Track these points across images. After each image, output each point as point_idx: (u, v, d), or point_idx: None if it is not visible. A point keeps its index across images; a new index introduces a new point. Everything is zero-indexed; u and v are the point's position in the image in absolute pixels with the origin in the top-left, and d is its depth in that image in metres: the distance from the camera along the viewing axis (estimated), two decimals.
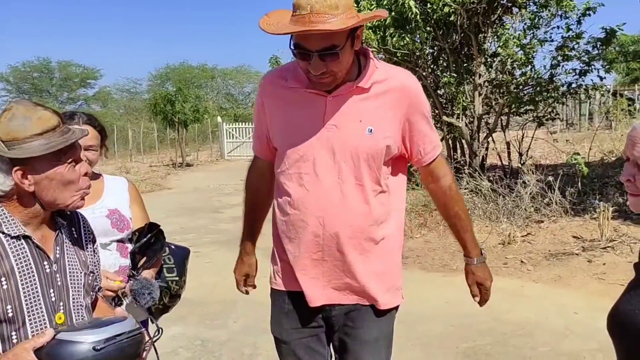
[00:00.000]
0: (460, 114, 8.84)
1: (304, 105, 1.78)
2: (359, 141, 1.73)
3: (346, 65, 1.69)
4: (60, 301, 1.41)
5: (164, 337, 1.71)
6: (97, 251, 1.63)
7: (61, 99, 41.81)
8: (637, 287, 1.32)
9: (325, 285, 1.82)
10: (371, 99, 1.75)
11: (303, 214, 1.79)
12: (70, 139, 1.36)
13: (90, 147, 2.11)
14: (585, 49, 8.75)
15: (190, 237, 7.72)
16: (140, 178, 15.68)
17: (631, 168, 1.31)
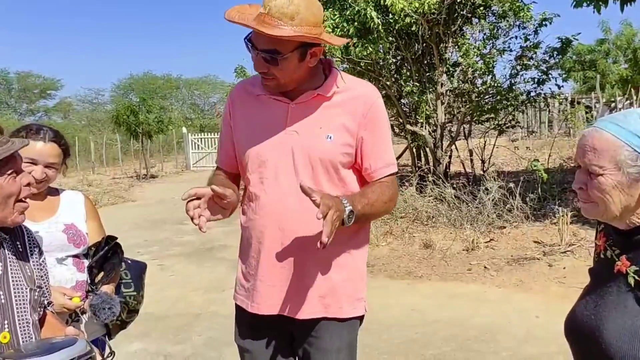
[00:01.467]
0: (423, 123, 8.96)
1: (267, 112, 1.81)
2: (318, 147, 1.75)
3: (290, 74, 1.71)
4: (5, 320, 1.36)
5: (125, 354, 1.66)
6: (44, 264, 1.57)
7: (20, 110, 40.81)
8: (593, 292, 1.34)
9: (282, 294, 1.79)
10: (332, 107, 1.78)
11: (263, 218, 1.79)
12: (10, 149, 1.32)
13: (51, 164, 2.06)
14: (543, 58, 9.01)
15: (154, 250, 7.59)
16: (103, 190, 15.35)
17: (582, 176, 1.30)
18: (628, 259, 1.28)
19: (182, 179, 19.76)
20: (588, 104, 19.96)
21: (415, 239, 7.00)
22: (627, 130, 1.22)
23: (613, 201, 1.25)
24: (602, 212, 1.28)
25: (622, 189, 1.23)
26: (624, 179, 1.22)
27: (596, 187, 1.26)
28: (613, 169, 1.22)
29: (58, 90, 43.00)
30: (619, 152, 1.21)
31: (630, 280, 1.25)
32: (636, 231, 1.28)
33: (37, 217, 2.03)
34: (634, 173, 1.21)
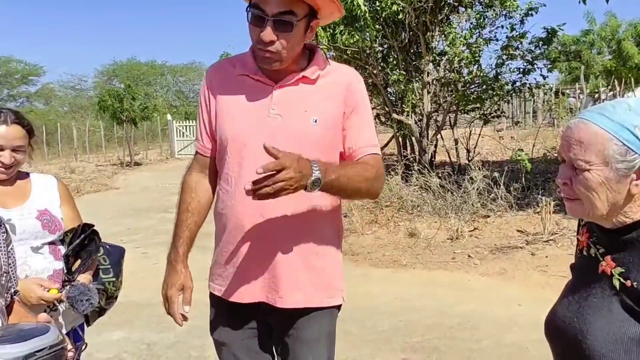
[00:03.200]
0: (409, 112, 8.95)
1: (250, 94, 1.76)
2: (304, 130, 1.71)
3: (294, 47, 1.67)
4: None
5: (107, 342, 1.64)
6: (12, 252, 1.54)
7: (1, 96, 40.06)
8: (576, 292, 1.29)
9: (263, 282, 1.76)
10: (317, 91, 1.75)
11: (242, 205, 1.74)
12: None
13: (18, 147, 2.00)
14: (529, 48, 9.04)
15: (138, 238, 7.54)
16: (86, 178, 15.20)
17: (567, 170, 1.22)
18: (613, 260, 1.21)
19: (166, 166, 19.61)
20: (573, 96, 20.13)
21: (400, 227, 7.02)
22: (616, 122, 1.14)
23: (599, 198, 1.17)
24: (588, 210, 1.20)
25: (609, 185, 1.16)
26: (611, 175, 1.14)
27: (582, 183, 1.18)
28: (600, 164, 1.15)
29: (40, 77, 42.28)
30: (607, 145, 1.13)
31: (616, 283, 1.19)
32: (623, 230, 1.21)
33: (8, 203, 1.98)
34: (622, 169, 1.14)
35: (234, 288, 1.80)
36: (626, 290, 1.16)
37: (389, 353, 3.74)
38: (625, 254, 1.19)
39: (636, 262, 1.17)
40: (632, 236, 1.19)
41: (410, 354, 3.73)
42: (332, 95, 1.76)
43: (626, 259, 1.19)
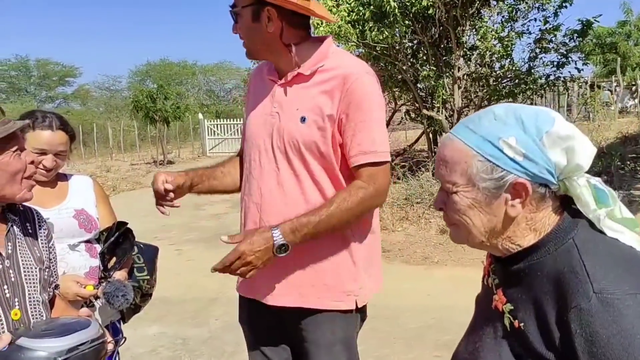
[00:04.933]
0: (440, 107, 8.87)
1: (263, 93, 1.80)
2: (292, 130, 1.69)
3: (248, 37, 1.73)
4: (15, 297, 1.38)
5: (144, 337, 1.68)
6: (53, 248, 1.60)
7: (40, 97, 41.22)
8: (474, 328, 1.15)
9: (258, 279, 1.71)
10: (310, 88, 1.70)
11: (248, 201, 1.80)
12: (10, 128, 1.34)
13: (61, 152, 2.06)
14: (563, 41, 8.85)
15: (171, 235, 7.67)
16: (121, 176, 15.51)
17: (441, 193, 1.06)
18: (504, 294, 1.05)
19: (199, 164, 19.82)
20: (609, 88, 19.61)
21: (431, 224, 6.97)
22: (479, 135, 0.98)
23: (473, 223, 1.01)
24: (465, 236, 1.04)
25: (480, 208, 1.00)
26: (479, 196, 0.99)
27: (451, 207, 1.03)
28: (466, 185, 0.99)
29: (76, 78, 43.44)
30: (471, 163, 0.98)
31: (506, 322, 1.02)
32: (511, 260, 1.03)
33: (46, 203, 2.04)
34: (490, 188, 0.97)
35: (242, 282, 1.85)
36: (515, 333, 1.00)
37: (422, 350, 3.73)
38: (515, 289, 1.02)
39: (524, 299, 1.00)
40: (520, 267, 1.02)
41: (444, 351, 3.70)
42: (325, 92, 1.66)
43: (515, 294, 1.02)
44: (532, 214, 0.99)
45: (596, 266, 0.92)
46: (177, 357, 3.83)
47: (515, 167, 0.95)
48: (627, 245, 0.97)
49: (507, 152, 0.95)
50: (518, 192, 0.97)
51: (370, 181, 1.64)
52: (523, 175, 0.96)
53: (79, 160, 20.81)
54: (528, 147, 0.95)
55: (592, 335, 0.87)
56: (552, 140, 0.95)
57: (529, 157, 0.95)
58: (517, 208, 0.98)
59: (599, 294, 0.88)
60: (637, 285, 0.89)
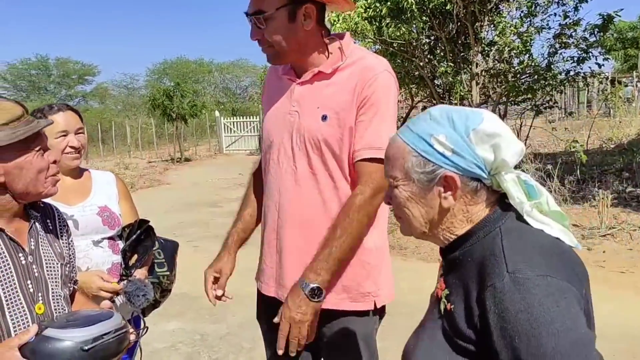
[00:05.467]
0: (457, 104, 8.79)
1: (281, 92, 1.79)
2: (313, 128, 1.68)
3: (284, 39, 1.65)
4: (39, 292, 1.41)
5: (163, 333, 1.70)
6: (72, 244, 1.62)
7: (59, 95, 41.73)
8: (425, 317, 1.20)
9: (277, 277, 1.76)
10: (332, 85, 1.70)
11: (268, 199, 1.80)
12: (35, 128, 1.36)
13: (79, 130, 2.11)
14: (583, 36, 8.70)
15: (189, 232, 7.72)
16: (139, 174, 15.66)
17: (389, 189, 1.15)
18: (444, 281, 1.14)
19: (215, 162, 19.99)
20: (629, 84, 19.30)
21: None
22: (415, 133, 1.08)
23: (413, 215, 1.11)
24: (408, 228, 1.14)
25: (418, 200, 1.09)
26: (415, 189, 1.08)
27: (394, 200, 1.13)
28: (404, 179, 1.09)
29: (95, 76, 43.90)
30: (407, 158, 1.08)
31: (442, 306, 1.11)
32: (450, 249, 1.13)
33: (71, 200, 2.07)
34: (424, 181, 1.07)
35: (262, 280, 1.86)
36: (447, 315, 1.08)
37: None
38: (452, 275, 1.12)
39: (457, 284, 1.08)
40: (456, 255, 1.11)
41: None
42: (345, 89, 1.67)
43: (451, 280, 1.11)
44: (468, 206, 1.08)
45: (514, 250, 1.00)
46: (195, 353, 3.85)
47: (445, 161, 1.05)
48: (552, 236, 1.05)
49: (437, 147, 1.05)
50: (449, 185, 1.06)
51: (367, 182, 1.62)
52: (452, 169, 1.05)
53: (97, 158, 21.06)
54: (456, 143, 1.04)
55: (503, 311, 0.94)
56: (479, 137, 1.03)
57: (457, 152, 1.04)
58: (450, 200, 1.07)
59: (512, 273, 0.96)
60: (548, 269, 0.96)
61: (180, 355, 3.82)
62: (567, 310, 0.93)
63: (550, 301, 0.93)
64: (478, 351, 1.00)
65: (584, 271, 1.07)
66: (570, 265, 1.02)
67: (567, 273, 0.98)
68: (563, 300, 0.94)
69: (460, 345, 1.03)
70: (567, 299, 0.94)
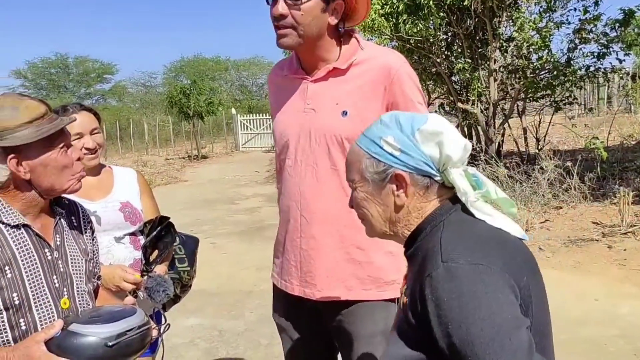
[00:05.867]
0: (475, 101, 8.72)
1: (291, 91, 1.79)
2: (333, 124, 1.69)
3: (311, 25, 1.64)
4: (64, 287, 1.43)
5: (182, 328, 1.71)
6: (96, 240, 1.64)
7: (78, 94, 42.21)
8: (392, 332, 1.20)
9: (303, 277, 1.76)
10: (349, 81, 1.70)
11: (287, 199, 1.80)
12: (59, 125, 1.38)
13: (94, 130, 2.12)
14: (603, 31, 8.57)
15: (206, 229, 7.77)
16: (156, 171, 15.79)
17: (352, 193, 1.22)
18: (405, 277, 1.21)
19: (231, 159, 20.08)
20: None
21: None
22: (368, 137, 1.16)
23: (372, 214, 1.18)
24: (370, 228, 1.21)
25: (374, 200, 1.16)
26: (370, 189, 1.15)
27: (354, 202, 1.21)
28: (361, 180, 1.17)
29: (114, 75, 44.29)
30: (362, 161, 1.15)
31: (402, 301, 1.17)
32: (407, 247, 1.19)
33: (93, 196, 2.09)
34: (377, 180, 1.14)
35: (281, 277, 1.85)
36: (403, 308, 1.13)
37: None
38: (409, 270, 1.18)
39: (411, 278, 1.13)
40: (412, 251, 1.17)
41: None
42: (367, 83, 1.68)
43: (409, 275, 1.17)
44: (422, 203, 1.14)
45: (450, 241, 1.05)
46: (213, 348, 3.88)
47: (395, 160, 1.11)
48: (494, 226, 1.10)
49: (386, 148, 1.12)
50: (400, 183, 1.13)
51: None
52: (402, 167, 1.11)
53: (116, 155, 21.27)
54: (404, 143, 1.11)
55: (438, 299, 0.99)
56: (424, 135, 1.10)
57: (404, 151, 1.11)
58: (402, 197, 1.13)
59: (446, 262, 1.01)
60: (482, 258, 1.01)
61: (198, 350, 3.85)
62: (494, 297, 0.97)
63: (480, 288, 0.97)
64: (426, 342, 1.03)
65: (528, 260, 1.11)
66: (510, 254, 1.06)
67: (502, 261, 1.02)
68: (492, 287, 0.97)
69: (413, 338, 1.08)
70: (496, 287, 0.98)
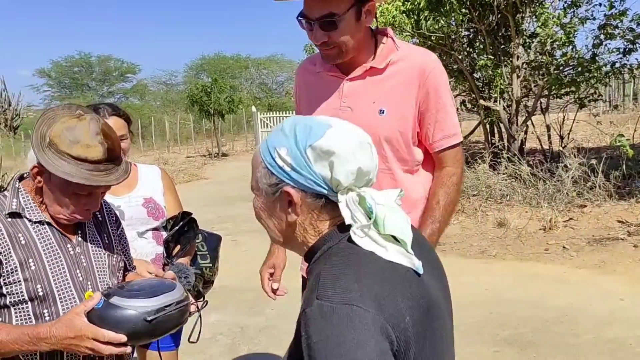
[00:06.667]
0: (497, 98, 8.63)
1: (325, 89, 1.80)
2: (370, 123, 1.68)
3: (351, 38, 1.67)
4: (88, 281, 1.47)
5: (204, 324, 1.73)
6: (123, 234, 1.66)
7: (101, 92, 42.78)
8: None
9: None
10: (386, 80, 1.73)
11: None
12: (92, 181, 1.36)
13: (121, 136, 2.13)
14: (630, 26, 8.41)
15: (227, 226, 7.81)
16: (177, 168, 15.93)
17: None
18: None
19: (252, 157, 20.14)
20: None
21: (488, 217, 6.81)
22: (267, 144, 1.05)
23: (268, 225, 1.09)
24: (271, 238, 1.11)
25: (268, 211, 1.07)
26: (265, 200, 1.06)
27: (254, 209, 1.11)
28: (257, 189, 1.07)
29: (136, 74, 44.80)
30: (259, 169, 1.06)
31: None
32: (307, 260, 1.09)
33: (117, 191, 2.11)
34: (269, 193, 1.04)
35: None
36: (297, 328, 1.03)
37: (481, 345, 3.65)
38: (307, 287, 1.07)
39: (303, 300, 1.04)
40: (312, 267, 1.06)
41: (504, 346, 3.62)
42: (402, 82, 1.72)
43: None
44: (318, 222, 1.04)
45: (330, 274, 0.95)
46: (235, 344, 3.90)
47: (285, 176, 1.01)
48: (384, 259, 0.98)
49: (278, 161, 1.01)
50: (289, 200, 1.02)
51: (456, 163, 1.79)
52: (293, 184, 1.00)
53: (138, 153, 21.50)
54: (296, 158, 0.99)
55: (308, 338, 0.91)
56: (315, 154, 0.98)
57: (295, 168, 0.99)
58: (292, 215, 1.03)
59: (320, 300, 0.92)
60: (358, 298, 0.90)
61: (220, 346, 3.88)
62: (362, 345, 0.88)
63: (348, 334, 0.89)
64: None
65: (423, 296, 1.00)
66: (395, 292, 0.95)
67: (382, 302, 0.92)
68: (362, 334, 0.89)
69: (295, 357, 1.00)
70: (366, 333, 0.89)
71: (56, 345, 1.31)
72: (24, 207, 1.42)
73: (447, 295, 1.14)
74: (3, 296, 1.38)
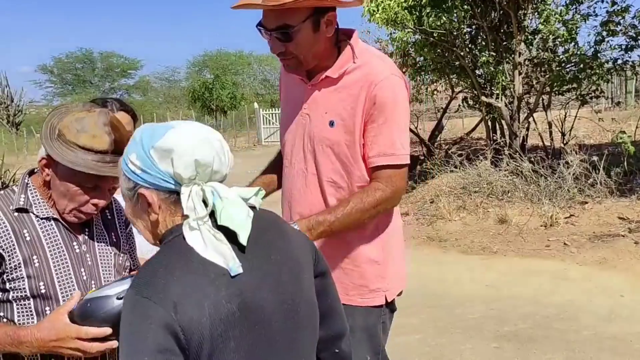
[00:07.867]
0: (499, 94, 8.61)
1: (295, 92, 1.80)
2: (321, 133, 1.71)
3: (309, 49, 1.63)
4: (92, 280, 1.46)
5: None
6: (131, 233, 1.65)
7: (103, 88, 42.84)
8: None
9: None
10: (338, 90, 1.69)
11: (284, 198, 1.86)
12: (98, 170, 1.36)
13: (128, 132, 2.14)
14: (632, 23, 8.38)
15: None
16: None
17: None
18: None
19: (254, 153, 20.17)
20: None
21: (489, 213, 6.82)
22: (124, 153, 1.12)
23: (140, 229, 1.14)
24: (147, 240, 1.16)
25: (136, 214, 1.12)
26: (131, 204, 1.12)
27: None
28: (124, 197, 1.13)
29: (138, 70, 44.83)
30: (121, 176, 1.12)
31: None
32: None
33: None
34: (131, 197, 1.11)
35: None
36: None
37: (481, 341, 3.67)
38: None
39: None
40: None
41: (504, 342, 3.64)
42: (352, 94, 1.67)
43: None
44: (174, 217, 1.10)
45: (149, 267, 1.05)
46: None
47: (138, 178, 1.08)
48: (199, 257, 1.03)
49: (130, 167, 1.09)
50: (147, 202, 1.09)
51: (388, 183, 1.67)
52: (145, 185, 1.08)
53: None
54: (143, 161, 1.07)
55: (122, 321, 1.02)
56: (158, 153, 1.06)
57: (144, 169, 1.07)
58: (153, 215, 1.10)
59: (131, 289, 1.02)
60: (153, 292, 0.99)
61: None
62: (142, 336, 0.97)
63: (136, 323, 0.99)
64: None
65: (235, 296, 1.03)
66: (203, 289, 1.00)
67: (180, 300, 0.98)
68: (145, 325, 0.97)
69: None
70: (150, 326, 0.97)
71: (38, 349, 1.30)
72: (32, 202, 1.42)
73: (296, 299, 1.13)
74: (6, 291, 1.38)
